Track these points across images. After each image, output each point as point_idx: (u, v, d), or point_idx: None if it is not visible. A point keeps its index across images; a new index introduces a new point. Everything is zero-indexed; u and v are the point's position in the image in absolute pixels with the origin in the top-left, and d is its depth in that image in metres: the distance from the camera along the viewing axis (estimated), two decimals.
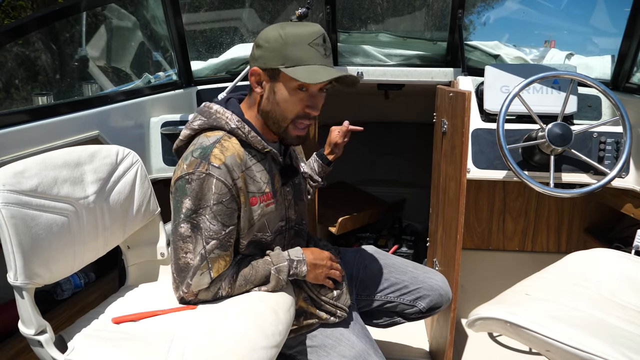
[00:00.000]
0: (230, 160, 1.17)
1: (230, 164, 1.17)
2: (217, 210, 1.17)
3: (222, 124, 1.23)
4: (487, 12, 3.32)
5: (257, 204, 1.24)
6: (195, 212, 1.17)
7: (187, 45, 2.19)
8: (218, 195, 1.16)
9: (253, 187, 1.23)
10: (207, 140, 1.20)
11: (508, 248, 2.27)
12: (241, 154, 1.21)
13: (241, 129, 1.23)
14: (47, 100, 1.96)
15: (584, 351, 1.08)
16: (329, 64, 1.20)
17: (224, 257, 1.20)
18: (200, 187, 1.15)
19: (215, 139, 1.20)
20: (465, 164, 1.55)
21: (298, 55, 1.16)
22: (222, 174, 1.16)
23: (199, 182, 1.15)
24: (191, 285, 1.18)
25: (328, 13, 2.17)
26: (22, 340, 1.38)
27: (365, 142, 3.33)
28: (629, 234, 2.11)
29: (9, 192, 1.01)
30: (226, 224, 1.19)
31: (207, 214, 1.16)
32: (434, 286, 1.53)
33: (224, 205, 1.17)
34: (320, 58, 1.17)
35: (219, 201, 1.16)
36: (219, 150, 1.17)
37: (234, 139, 1.23)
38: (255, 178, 1.24)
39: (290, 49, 1.16)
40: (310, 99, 1.22)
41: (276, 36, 1.17)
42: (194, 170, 1.16)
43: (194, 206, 1.16)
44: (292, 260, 1.27)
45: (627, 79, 2.00)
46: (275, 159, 1.30)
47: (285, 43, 1.16)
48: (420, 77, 2.19)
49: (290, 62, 1.17)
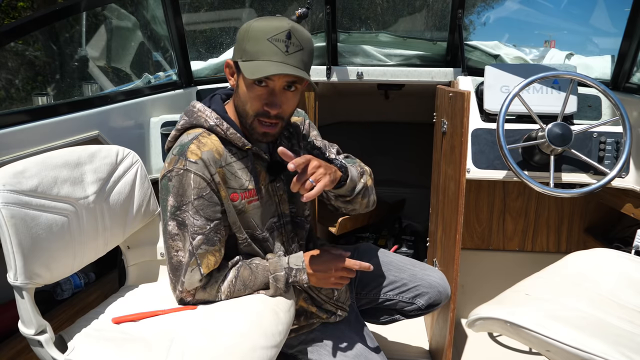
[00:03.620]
0: (206, 155, 1.18)
1: (206, 158, 1.17)
2: (199, 205, 1.17)
3: (202, 122, 1.23)
4: (487, 12, 3.32)
5: (238, 200, 1.24)
6: (179, 209, 1.17)
7: (187, 45, 2.19)
8: (198, 190, 1.17)
9: (234, 183, 1.23)
10: (186, 137, 1.22)
11: (508, 248, 2.27)
12: (220, 150, 1.22)
13: (220, 126, 1.23)
14: (47, 101, 1.96)
15: (584, 351, 1.08)
16: (289, 61, 1.14)
17: (212, 253, 1.20)
18: (180, 183, 1.16)
19: (194, 135, 1.21)
20: (465, 164, 1.55)
21: (255, 49, 1.14)
22: (199, 168, 1.16)
23: (178, 179, 1.16)
24: (185, 284, 1.18)
25: (328, 13, 2.16)
26: (22, 340, 1.38)
27: (365, 142, 3.33)
28: (629, 234, 2.11)
29: (9, 192, 1.01)
30: (210, 218, 1.19)
31: (190, 210, 1.17)
32: (432, 283, 1.53)
33: (205, 200, 1.18)
34: (278, 54, 1.13)
35: (199, 195, 1.17)
36: (196, 146, 1.18)
37: (214, 136, 1.23)
38: (236, 174, 1.24)
39: (249, 43, 1.15)
40: (269, 96, 1.18)
41: (243, 29, 1.17)
42: (173, 167, 1.17)
43: (176, 203, 1.17)
44: (291, 269, 1.25)
45: (627, 79, 2.00)
46: (260, 155, 1.28)
47: (247, 37, 1.16)
48: (420, 77, 2.19)
49: (247, 56, 1.15)
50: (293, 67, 1.14)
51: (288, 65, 1.14)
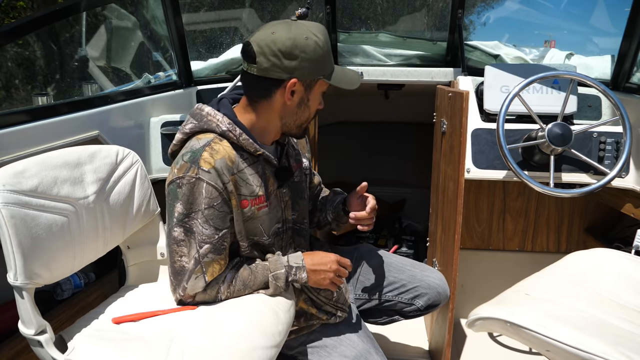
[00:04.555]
0: (220, 163, 1.16)
1: (220, 167, 1.15)
2: (209, 214, 1.16)
3: (213, 127, 1.21)
4: (487, 12, 3.32)
5: (248, 207, 1.22)
6: (187, 217, 1.16)
7: (187, 45, 2.19)
8: (209, 200, 1.15)
9: (245, 190, 1.22)
10: (197, 143, 1.19)
11: (508, 248, 2.27)
12: (232, 156, 1.20)
13: (232, 132, 1.20)
14: (47, 101, 1.96)
15: (584, 351, 1.08)
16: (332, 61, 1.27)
17: (218, 261, 1.19)
18: (190, 191, 1.15)
19: (206, 141, 1.19)
20: (464, 164, 1.55)
21: (330, 61, 1.22)
22: (212, 178, 1.15)
23: (189, 187, 1.15)
24: (187, 289, 1.18)
25: (328, 13, 2.16)
26: (22, 340, 1.38)
27: (365, 142, 3.33)
28: (629, 234, 2.11)
29: (9, 192, 1.01)
30: (219, 228, 1.18)
31: (199, 218, 1.16)
32: (431, 284, 1.53)
33: (216, 209, 1.17)
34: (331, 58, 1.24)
35: (210, 205, 1.15)
36: (209, 153, 1.16)
37: (225, 142, 1.21)
38: (247, 181, 1.22)
39: (326, 57, 1.20)
40: None
41: (314, 46, 1.16)
42: (184, 174, 1.15)
43: (185, 210, 1.16)
44: (291, 267, 1.25)
45: (627, 79, 2.00)
46: (270, 161, 1.28)
47: (324, 52, 1.19)
48: (420, 77, 2.19)
49: (328, 69, 1.23)
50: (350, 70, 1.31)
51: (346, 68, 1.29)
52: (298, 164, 1.42)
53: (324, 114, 1.45)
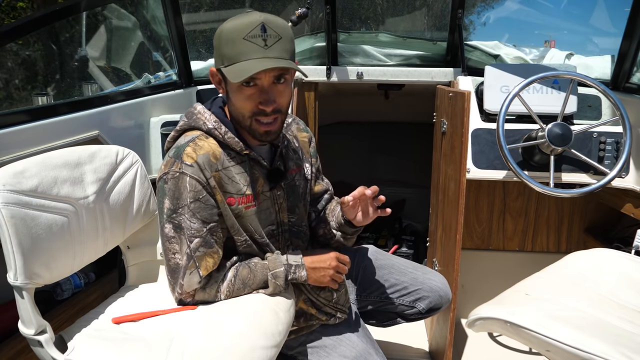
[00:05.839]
0: (202, 158, 1.16)
1: (202, 162, 1.16)
2: (195, 208, 1.17)
3: (200, 124, 1.22)
4: (487, 12, 3.32)
5: (235, 205, 1.23)
6: (175, 212, 1.17)
7: (187, 45, 2.19)
8: (194, 193, 1.16)
9: (230, 187, 1.22)
10: (183, 139, 1.21)
11: (508, 248, 2.27)
12: (217, 153, 1.20)
13: (218, 130, 1.21)
14: (47, 100, 1.96)
15: (584, 351, 1.08)
16: (270, 54, 1.10)
17: (210, 255, 1.19)
18: (175, 186, 1.16)
19: (190, 138, 1.20)
20: (465, 164, 1.55)
21: (233, 52, 1.11)
22: (195, 171, 1.15)
23: (174, 181, 1.16)
24: (184, 286, 1.18)
25: (328, 13, 2.16)
26: (22, 340, 1.38)
27: (365, 142, 3.33)
28: (629, 234, 2.11)
29: (9, 192, 1.01)
30: (206, 221, 1.18)
31: (186, 213, 1.16)
32: (433, 287, 1.53)
33: (202, 203, 1.17)
34: (258, 50, 1.10)
35: (195, 199, 1.16)
36: (192, 148, 1.17)
37: (212, 139, 1.22)
38: (234, 179, 1.22)
39: (226, 48, 1.12)
40: (261, 95, 1.15)
41: (217, 35, 1.14)
42: (169, 169, 1.16)
43: (172, 206, 1.17)
44: (290, 265, 1.25)
45: (627, 79, 2.00)
46: (259, 162, 1.27)
47: (222, 41, 1.13)
48: (420, 77, 2.19)
49: (227, 60, 1.12)
50: (276, 59, 1.11)
51: (270, 59, 1.10)
52: (298, 168, 1.40)
53: (324, 114, 1.45)
